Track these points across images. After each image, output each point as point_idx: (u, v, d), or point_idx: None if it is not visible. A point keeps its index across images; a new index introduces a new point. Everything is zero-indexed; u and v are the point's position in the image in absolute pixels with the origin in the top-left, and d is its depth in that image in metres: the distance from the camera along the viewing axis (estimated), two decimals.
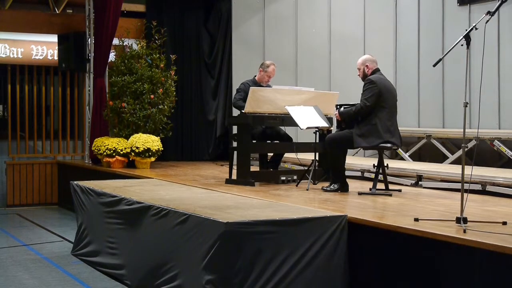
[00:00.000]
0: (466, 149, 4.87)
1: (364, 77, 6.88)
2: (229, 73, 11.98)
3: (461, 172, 4.74)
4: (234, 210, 5.31)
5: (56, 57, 11.64)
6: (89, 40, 11.02)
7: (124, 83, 10.22)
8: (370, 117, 6.64)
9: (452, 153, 8.99)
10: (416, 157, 9.73)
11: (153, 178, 8.47)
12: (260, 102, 7.60)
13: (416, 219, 4.79)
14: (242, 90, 8.07)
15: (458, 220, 4.60)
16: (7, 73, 11.64)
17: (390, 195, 6.64)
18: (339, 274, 4.96)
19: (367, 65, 6.86)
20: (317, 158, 7.39)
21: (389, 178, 7.35)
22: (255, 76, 8.36)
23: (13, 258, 7.15)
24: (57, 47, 11.51)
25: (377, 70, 6.86)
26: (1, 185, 11.53)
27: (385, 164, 6.95)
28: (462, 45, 4.76)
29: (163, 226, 5.40)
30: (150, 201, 5.76)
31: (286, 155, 8.71)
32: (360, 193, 6.71)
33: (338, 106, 7.12)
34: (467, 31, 4.73)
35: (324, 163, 7.69)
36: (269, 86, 8.46)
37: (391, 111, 6.73)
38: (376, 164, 6.92)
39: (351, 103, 6.97)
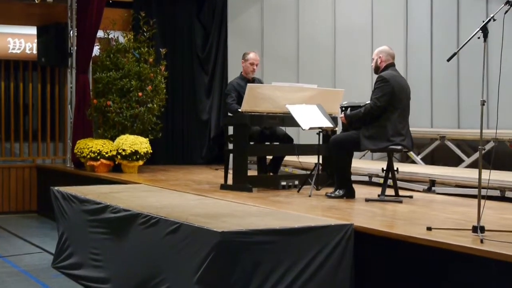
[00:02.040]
0: (483, 152, 4.87)
1: (376, 69, 6.88)
2: (224, 68, 12.00)
3: (478, 177, 4.75)
4: (229, 218, 5.32)
5: (35, 51, 11.64)
6: (71, 32, 11.04)
7: (109, 79, 10.23)
8: (381, 118, 6.63)
9: (468, 156, 9.01)
10: (428, 160, 9.74)
11: (141, 183, 8.48)
12: (258, 100, 7.61)
13: (429, 228, 4.80)
14: (232, 90, 8.09)
15: (474, 229, 4.61)
16: None
17: (401, 202, 6.65)
18: None
19: (380, 57, 6.84)
20: (320, 162, 7.40)
21: (400, 184, 7.36)
22: (241, 71, 8.38)
23: None
24: (36, 40, 11.50)
25: (391, 65, 6.83)
26: None
27: (395, 168, 6.96)
28: (478, 38, 4.78)
29: (153, 235, 5.40)
30: (138, 209, 5.76)
31: (287, 158, 8.71)
32: (367, 200, 6.72)
33: (343, 108, 7.09)
34: (484, 23, 4.75)
35: (328, 167, 7.70)
36: (260, 81, 8.50)
37: (403, 112, 6.72)
38: (385, 168, 6.93)
39: (357, 103, 6.96)
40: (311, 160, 7.82)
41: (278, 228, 4.85)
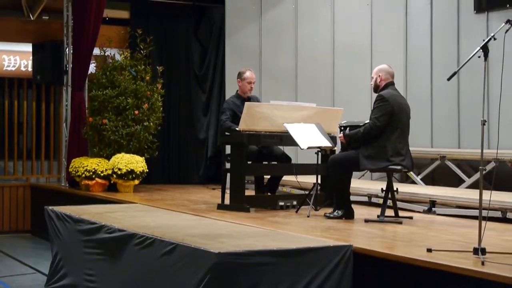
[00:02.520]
0: (484, 172, 4.87)
1: (376, 88, 6.89)
2: (221, 86, 12.01)
3: (478, 198, 4.74)
4: (227, 239, 5.30)
5: (30, 69, 11.66)
6: (67, 49, 11.05)
7: (105, 97, 10.22)
8: (380, 138, 6.63)
9: (469, 176, 9.00)
10: (429, 180, 9.73)
11: (137, 203, 8.46)
12: (256, 119, 7.62)
13: (429, 250, 4.78)
14: (227, 109, 8.14)
15: (475, 251, 4.60)
16: None
17: (400, 222, 6.64)
18: None
19: (380, 75, 6.86)
20: (319, 182, 7.39)
21: (399, 204, 7.35)
22: (237, 90, 8.40)
23: None
24: (31, 58, 11.53)
25: (390, 84, 6.85)
26: None
27: (395, 188, 6.95)
28: (479, 56, 4.79)
29: (148, 256, 5.38)
30: (133, 229, 5.75)
31: (285, 178, 8.70)
32: (366, 221, 6.71)
33: (342, 128, 7.10)
34: (485, 42, 4.76)
35: (327, 187, 7.69)
36: (257, 99, 8.52)
37: (403, 131, 6.73)
38: (384, 189, 6.92)
39: (356, 122, 6.95)
40: (310, 180, 7.81)
41: (276, 249, 4.83)
